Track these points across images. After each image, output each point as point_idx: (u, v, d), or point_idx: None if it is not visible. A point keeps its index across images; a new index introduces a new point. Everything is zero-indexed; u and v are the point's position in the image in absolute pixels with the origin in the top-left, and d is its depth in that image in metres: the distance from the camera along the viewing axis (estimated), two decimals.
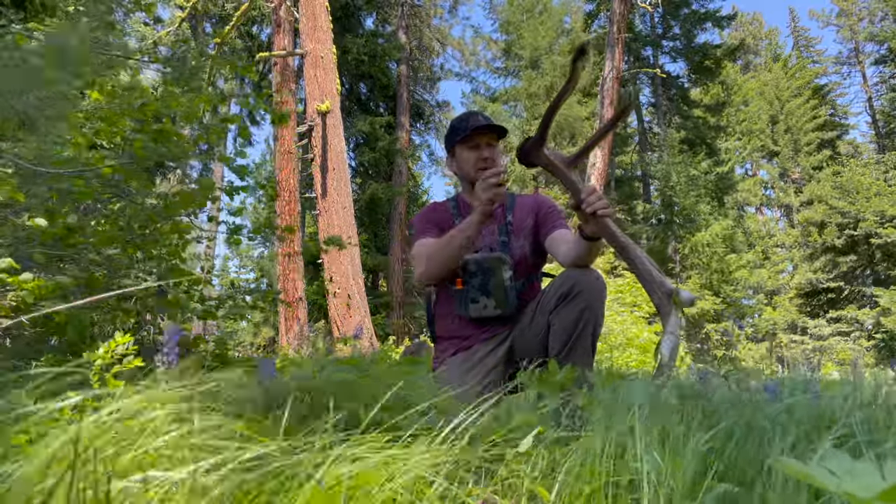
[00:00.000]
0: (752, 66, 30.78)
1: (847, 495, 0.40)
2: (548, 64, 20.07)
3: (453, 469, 0.71)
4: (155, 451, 0.60)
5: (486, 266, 1.78)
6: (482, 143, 1.89)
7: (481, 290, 1.79)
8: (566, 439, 0.84)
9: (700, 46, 18.70)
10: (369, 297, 10.48)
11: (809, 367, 1.46)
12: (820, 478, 0.40)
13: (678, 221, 18.11)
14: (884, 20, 24.87)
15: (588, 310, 1.61)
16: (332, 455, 0.63)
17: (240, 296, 2.82)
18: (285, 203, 9.55)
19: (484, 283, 1.79)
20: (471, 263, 1.79)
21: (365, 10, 15.64)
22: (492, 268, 1.78)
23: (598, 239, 1.59)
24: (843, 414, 0.91)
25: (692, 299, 1.40)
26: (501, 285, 1.78)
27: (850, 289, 19.76)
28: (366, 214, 15.19)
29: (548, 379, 1.17)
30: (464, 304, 1.81)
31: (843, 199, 19.49)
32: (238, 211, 2.89)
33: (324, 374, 1.09)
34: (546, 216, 1.92)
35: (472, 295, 1.79)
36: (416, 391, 1.05)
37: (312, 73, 9.27)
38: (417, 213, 2.00)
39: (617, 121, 1.73)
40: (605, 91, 12.55)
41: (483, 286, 1.79)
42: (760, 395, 1.06)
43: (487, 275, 1.78)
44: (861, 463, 0.42)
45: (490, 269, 1.78)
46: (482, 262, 1.79)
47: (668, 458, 0.65)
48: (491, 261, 1.79)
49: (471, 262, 1.79)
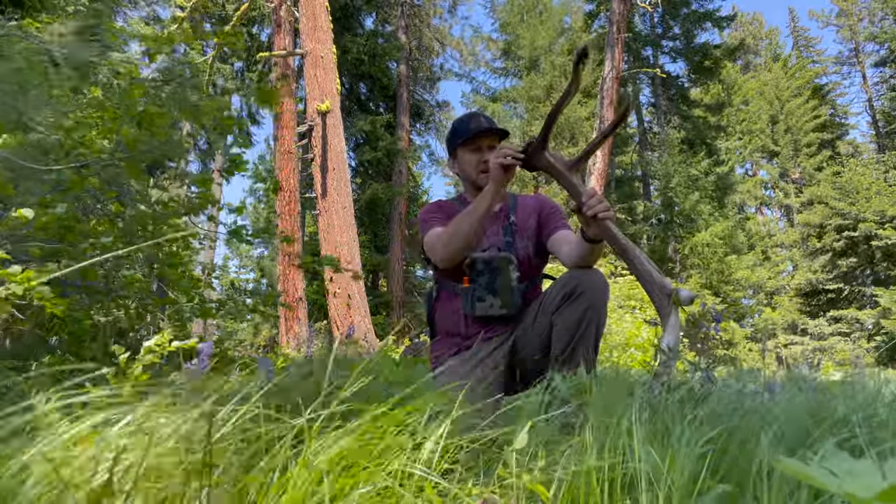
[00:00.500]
0: (752, 66, 30.78)
1: (847, 495, 0.39)
2: (547, 64, 20.07)
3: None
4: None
5: (493, 265, 1.79)
6: (484, 145, 1.90)
7: (488, 289, 1.79)
8: (566, 438, 0.84)
9: (700, 46, 18.70)
10: (369, 297, 10.48)
11: (809, 367, 1.46)
12: (820, 478, 0.40)
13: (678, 221, 18.12)
14: (884, 20, 24.88)
15: (591, 309, 1.60)
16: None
17: (240, 298, 2.82)
18: (285, 203, 9.54)
19: (491, 281, 1.79)
20: (478, 262, 1.79)
21: (365, 10, 15.65)
22: (500, 267, 1.78)
23: (599, 241, 1.60)
24: (845, 413, 0.91)
25: (691, 297, 1.40)
26: (508, 285, 1.78)
27: (850, 289, 19.76)
28: (366, 214, 15.20)
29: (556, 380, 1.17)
30: (470, 302, 1.80)
31: (843, 200, 19.49)
32: (239, 209, 2.88)
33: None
34: (548, 217, 1.93)
35: (479, 293, 1.79)
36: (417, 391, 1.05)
37: (312, 73, 9.27)
38: (422, 210, 1.99)
39: (617, 125, 1.74)
40: (605, 91, 12.55)
41: (490, 285, 1.79)
42: (760, 396, 1.06)
43: (495, 274, 1.79)
44: (861, 463, 0.42)
45: (498, 268, 1.79)
46: (490, 261, 1.79)
47: (666, 457, 0.65)
48: (499, 260, 1.79)
49: (478, 260, 1.80)
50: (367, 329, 8.57)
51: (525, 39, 20.54)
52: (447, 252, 1.75)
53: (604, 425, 0.78)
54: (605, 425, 0.78)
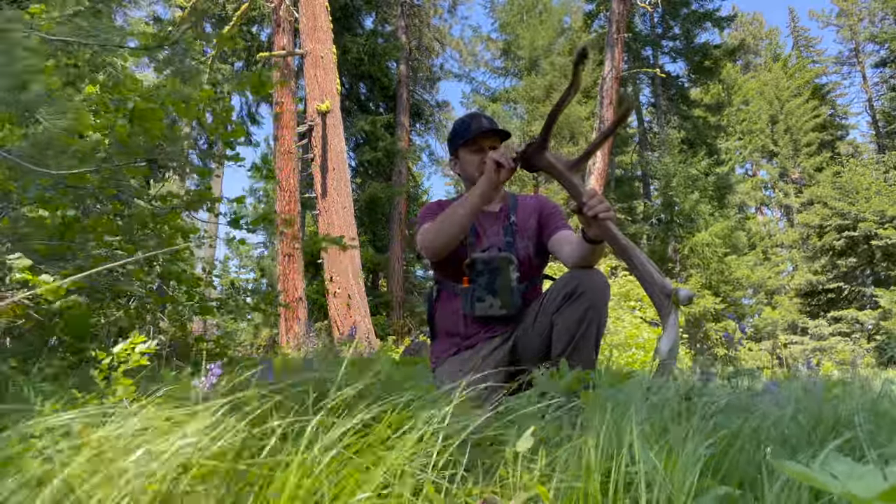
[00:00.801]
0: (752, 66, 30.78)
1: (848, 496, 0.39)
2: (547, 64, 20.06)
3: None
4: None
5: (493, 265, 1.79)
6: (486, 146, 1.90)
7: (488, 290, 1.79)
8: (566, 438, 0.84)
9: (700, 46, 18.70)
10: (369, 297, 10.47)
11: (809, 367, 1.45)
12: (822, 480, 0.40)
13: (678, 221, 18.11)
14: (884, 20, 24.88)
15: (592, 309, 1.61)
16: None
17: (240, 298, 2.82)
18: (285, 203, 9.54)
19: (491, 282, 1.79)
20: (478, 262, 1.79)
21: (365, 9, 15.64)
22: (499, 267, 1.79)
23: (600, 241, 1.60)
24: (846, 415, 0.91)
25: (690, 296, 1.39)
26: (508, 285, 1.78)
27: (850, 289, 19.76)
28: (366, 214, 15.19)
29: (556, 379, 1.17)
30: (470, 302, 1.80)
31: (843, 200, 19.48)
32: (240, 199, 2.87)
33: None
34: (549, 217, 1.93)
35: (479, 294, 1.79)
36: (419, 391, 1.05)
37: (312, 73, 9.26)
38: (422, 208, 1.99)
39: (618, 125, 1.74)
40: (605, 91, 12.55)
41: (490, 285, 1.79)
42: (763, 397, 1.06)
43: (494, 274, 1.79)
44: (862, 465, 0.42)
45: (498, 268, 1.79)
46: (490, 261, 1.79)
47: (666, 458, 0.65)
48: (499, 260, 1.79)
49: (478, 261, 1.80)
50: (367, 329, 8.57)
51: (525, 39, 20.53)
52: (433, 245, 1.75)
53: (603, 425, 0.78)
54: (604, 425, 0.78)
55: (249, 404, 0.74)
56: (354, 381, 0.89)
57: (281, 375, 1.05)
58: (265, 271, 17.81)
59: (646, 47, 19.53)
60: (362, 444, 0.76)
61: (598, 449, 0.71)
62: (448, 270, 1.89)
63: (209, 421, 0.68)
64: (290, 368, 1.26)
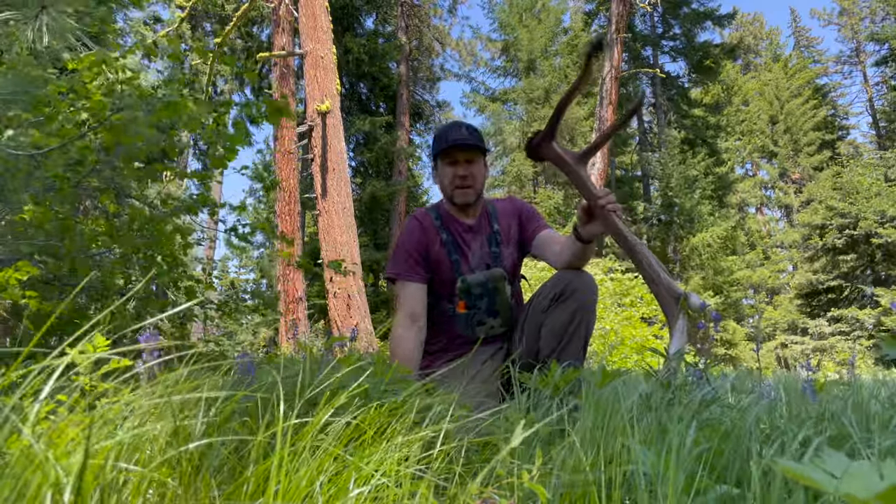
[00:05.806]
0: (753, 66, 30.78)
1: (845, 496, 0.39)
2: (546, 65, 20.05)
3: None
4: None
5: (490, 287, 1.76)
6: (461, 159, 1.79)
7: (488, 313, 1.77)
8: (561, 437, 0.83)
9: (700, 46, 18.70)
10: (369, 295, 10.47)
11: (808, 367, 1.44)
12: (818, 479, 0.40)
13: (678, 222, 18.11)
14: (885, 20, 24.86)
15: (580, 310, 1.60)
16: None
17: (240, 299, 2.82)
18: (285, 203, 9.53)
19: (491, 304, 1.77)
20: (474, 287, 1.76)
21: (365, 10, 15.63)
22: (497, 288, 1.76)
23: (591, 241, 1.60)
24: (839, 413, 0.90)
25: (702, 305, 1.33)
26: (507, 303, 1.77)
27: (851, 288, 19.74)
28: (366, 214, 15.18)
29: (546, 379, 1.16)
30: (470, 326, 1.78)
31: (844, 200, 19.46)
32: (240, 208, 2.87)
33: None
34: (528, 219, 1.90)
35: (480, 318, 1.77)
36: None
37: (312, 73, 9.25)
38: (400, 235, 1.89)
39: (629, 118, 1.73)
40: (604, 91, 12.55)
41: (490, 308, 1.77)
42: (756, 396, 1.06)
43: (493, 295, 1.76)
44: (859, 463, 0.41)
45: (495, 289, 1.76)
46: (486, 283, 1.76)
47: (663, 456, 0.64)
48: (495, 280, 1.77)
49: (473, 284, 1.76)
50: (368, 330, 8.56)
51: (524, 39, 20.52)
52: (392, 354, 1.77)
53: (600, 424, 0.78)
54: (601, 424, 0.78)
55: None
56: (349, 381, 0.88)
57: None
58: (265, 272, 17.81)
59: (646, 47, 19.54)
60: (356, 444, 0.76)
61: (595, 447, 0.71)
62: (440, 291, 1.84)
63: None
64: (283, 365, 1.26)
